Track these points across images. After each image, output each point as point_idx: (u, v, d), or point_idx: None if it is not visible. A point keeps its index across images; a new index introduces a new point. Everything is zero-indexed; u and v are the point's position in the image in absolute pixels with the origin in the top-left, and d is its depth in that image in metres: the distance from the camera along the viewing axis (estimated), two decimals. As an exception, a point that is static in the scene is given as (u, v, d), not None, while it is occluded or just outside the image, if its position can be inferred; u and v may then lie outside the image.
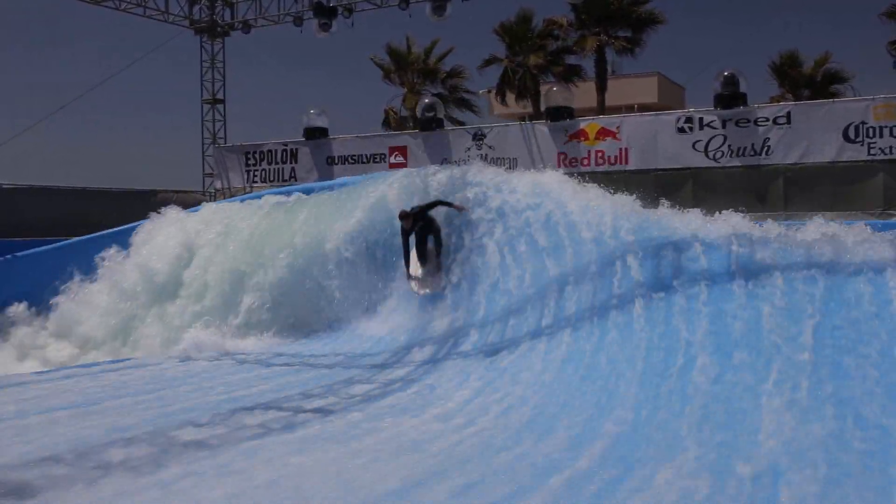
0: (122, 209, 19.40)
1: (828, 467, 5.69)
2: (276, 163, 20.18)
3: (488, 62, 27.25)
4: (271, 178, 20.16)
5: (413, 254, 11.69)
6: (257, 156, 20.51)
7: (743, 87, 14.64)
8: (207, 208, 15.18)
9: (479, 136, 17.28)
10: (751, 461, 5.91)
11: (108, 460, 6.11)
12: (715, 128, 14.56)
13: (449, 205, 11.81)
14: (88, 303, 14.26)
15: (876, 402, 6.43)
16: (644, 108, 26.81)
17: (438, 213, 11.89)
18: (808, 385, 6.81)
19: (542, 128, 16.61)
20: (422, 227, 11.65)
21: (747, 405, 6.82)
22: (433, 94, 25.68)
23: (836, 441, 6.07)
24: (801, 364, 7.05)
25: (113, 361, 11.50)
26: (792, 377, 6.95)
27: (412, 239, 11.59)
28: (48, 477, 5.72)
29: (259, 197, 15.48)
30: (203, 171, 25.84)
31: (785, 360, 7.16)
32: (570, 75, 26.74)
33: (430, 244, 11.70)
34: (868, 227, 8.40)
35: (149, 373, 10.16)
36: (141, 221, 15.63)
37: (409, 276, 11.71)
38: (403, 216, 11.47)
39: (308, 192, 15.00)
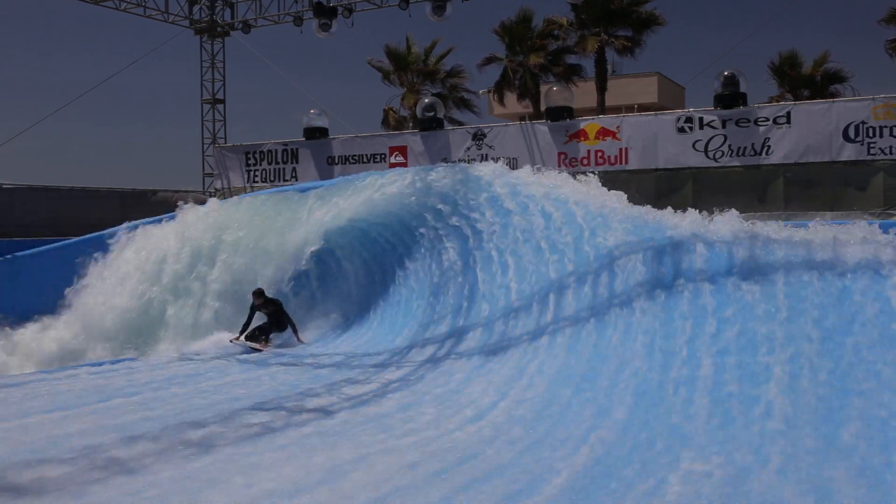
0: (122, 209, 19.42)
1: (828, 466, 5.70)
2: (276, 163, 20.19)
3: (488, 61, 27.24)
4: (271, 178, 20.17)
5: (254, 327, 12.36)
6: (257, 156, 20.52)
7: (743, 87, 14.65)
8: (208, 207, 15.16)
9: (479, 136, 17.30)
10: (753, 459, 5.92)
11: (108, 460, 6.11)
12: (715, 128, 14.57)
13: (295, 332, 12.40)
14: (89, 302, 14.25)
15: (877, 400, 6.43)
16: (644, 108, 26.79)
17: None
18: (810, 384, 6.81)
19: (542, 128, 16.62)
20: (272, 313, 12.37)
21: (748, 405, 6.83)
22: (433, 94, 25.66)
23: (836, 439, 6.08)
24: (803, 363, 7.05)
25: (113, 361, 11.50)
26: (793, 377, 6.95)
27: (260, 317, 12.42)
28: (49, 476, 5.72)
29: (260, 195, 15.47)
30: (203, 171, 25.83)
31: (786, 360, 7.16)
32: (570, 75, 26.71)
33: (267, 328, 12.44)
34: (870, 225, 8.39)
35: (149, 372, 10.16)
36: (141, 221, 15.62)
37: (234, 338, 12.19)
38: (256, 294, 12.30)
39: (303, 191, 14.99)
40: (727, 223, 9.09)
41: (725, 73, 14.77)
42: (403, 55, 28.05)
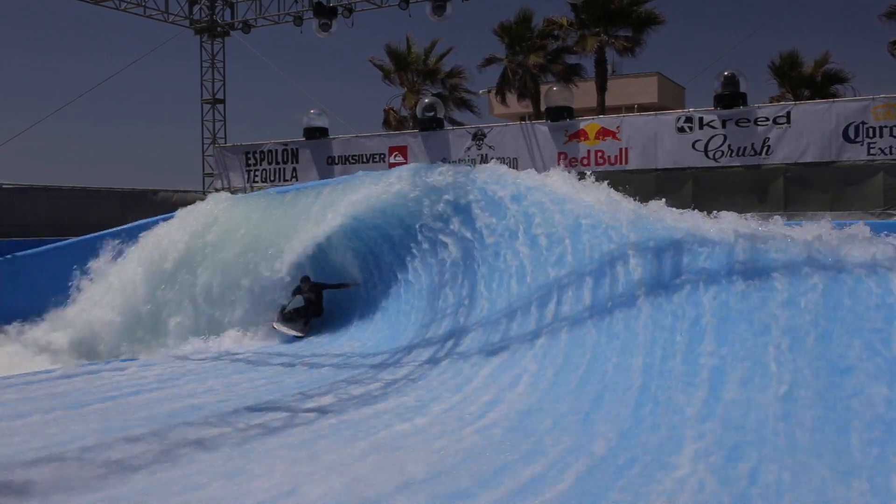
0: (123, 209, 19.42)
1: (828, 467, 5.70)
2: (276, 163, 20.19)
3: (488, 62, 27.24)
4: (271, 178, 20.17)
5: (291, 310, 12.89)
6: (257, 156, 20.52)
7: (743, 87, 14.64)
8: (207, 206, 15.16)
9: (479, 136, 17.29)
10: (750, 459, 5.92)
11: (108, 460, 6.11)
12: (715, 128, 14.57)
13: (346, 286, 13.25)
14: (88, 303, 14.26)
15: (876, 398, 6.42)
16: (644, 108, 26.77)
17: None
18: (810, 385, 6.80)
19: (542, 128, 16.62)
20: (312, 298, 12.95)
21: (748, 404, 6.82)
22: (433, 94, 25.65)
23: (836, 436, 6.07)
24: (803, 363, 7.04)
25: (113, 361, 11.50)
26: (793, 377, 6.95)
27: (298, 299, 12.88)
28: (49, 476, 5.72)
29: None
30: (203, 171, 25.84)
31: (786, 360, 7.15)
32: (570, 75, 26.70)
33: (307, 310, 12.96)
34: (867, 227, 8.39)
35: (149, 372, 10.15)
36: (141, 221, 15.63)
37: (275, 321, 12.69)
38: (304, 280, 12.93)
39: (302, 191, 14.96)
40: (727, 222, 9.09)
41: (725, 73, 14.76)
42: (404, 55, 28.04)
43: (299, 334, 12.53)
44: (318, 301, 13.06)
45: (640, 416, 7.07)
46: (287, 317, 12.75)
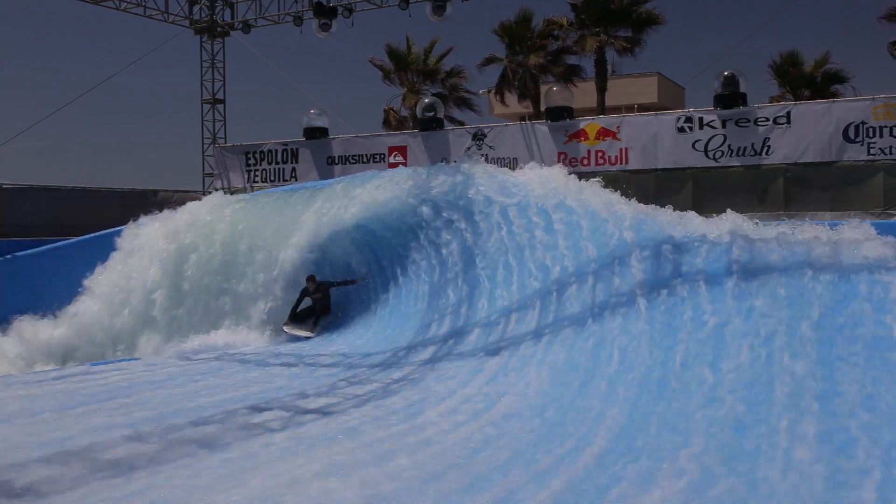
0: (123, 209, 19.42)
1: (826, 467, 5.70)
2: (276, 163, 20.19)
3: (488, 61, 27.25)
4: (271, 178, 20.17)
5: (301, 310, 12.93)
6: (257, 156, 20.52)
7: (743, 87, 14.65)
8: (204, 205, 15.17)
9: (479, 136, 17.29)
10: (751, 459, 5.92)
11: (109, 460, 6.11)
12: (715, 128, 14.57)
13: (353, 282, 13.18)
14: (88, 302, 14.26)
15: (875, 398, 6.43)
16: (644, 108, 26.78)
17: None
18: (810, 385, 6.81)
19: (542, 128, 16.62)
20: (320, 298, 12.92)
21: (749, 405, 6.83)
22: (433, 94, 25.65)
23: (836, 438, 6.08)
24: (802, 363, 7.04)
25: (113, 361, 11.50)
26: (793, 377, 6.95)
27: (306, 300, 12.90)
28: (49, 476, 5.71)
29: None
30: (203, 171, 25.85)
31: (786, 360, 7.15)
32: (570, 75, 26.71)
33: (315, 311, 12.98)
34: (870, 226, 8.39)
35: (150, 372, 10.15)
36: (141, 221, 15.62)
37: (286, 324, 12.73)
38: (310, 279, 12.79)
39: (303, 191, 14.96)
40: (727, 222, 9.09)
41: (725, 73, 14.77)
42: (404, 55, 28.04)
43: (309, 334, 12.57)
44: (326, 300, 13.04)
45: (642, 414, 7.07)
46: (297, 318, 12.77)
